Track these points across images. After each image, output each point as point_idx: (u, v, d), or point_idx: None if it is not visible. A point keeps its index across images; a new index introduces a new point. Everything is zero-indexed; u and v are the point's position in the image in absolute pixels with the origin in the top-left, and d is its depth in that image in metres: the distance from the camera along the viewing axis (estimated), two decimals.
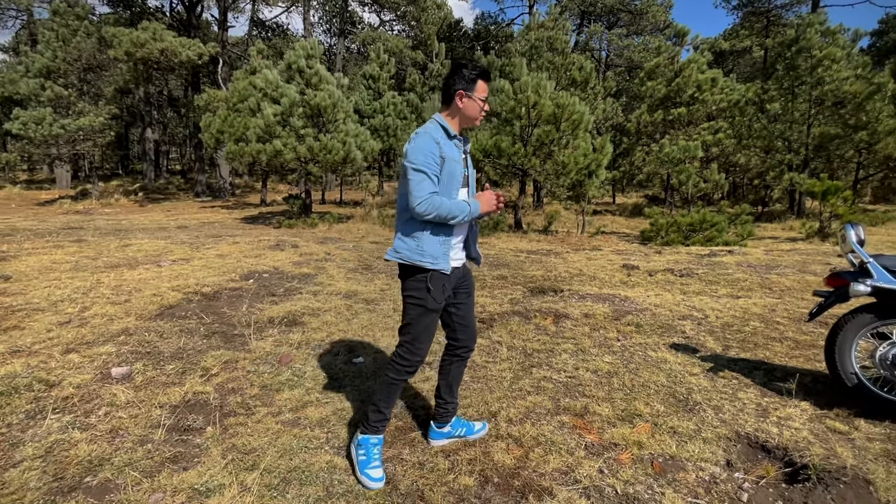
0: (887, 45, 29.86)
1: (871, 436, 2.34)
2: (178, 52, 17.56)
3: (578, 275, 6.48)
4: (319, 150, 10.84)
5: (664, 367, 3.21)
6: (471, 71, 2.05)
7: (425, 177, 1.93)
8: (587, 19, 34.25)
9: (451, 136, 2.05)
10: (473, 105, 2.06)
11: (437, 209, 1.93)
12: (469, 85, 2.05)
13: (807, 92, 12.93)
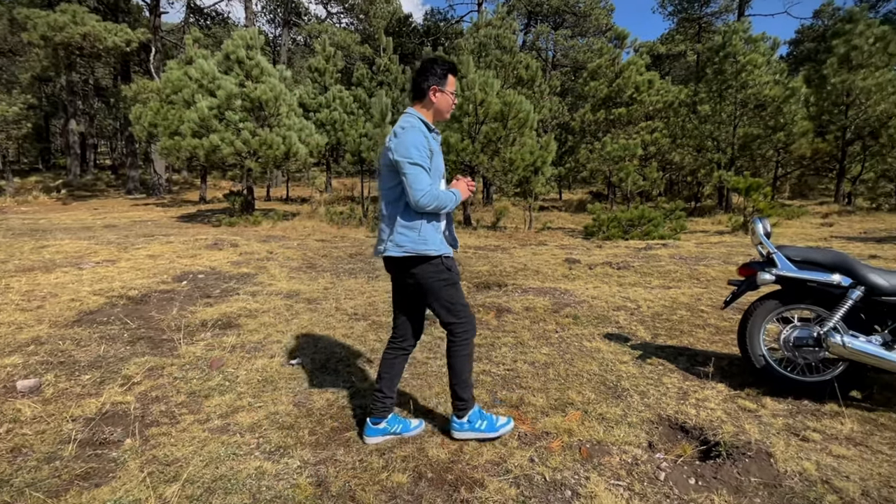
0: (803, 54, 32.59)
1: (775, 412, 2.55)
2: (102, 38, 16.31)
3: (523, 269, 6.63)
4: (260, 145, 10.44)
5: (597, 357, 3.35)
6: (441, 66, 2.14)
7: (422, 170, 2.01)
8: (534, 19, 35.01)
9: (430, 130, 2.14)
10: (445, 99, 2.16)
11: (437, 200, 2.03)
12: (441, 80, 2.14)
13: (733, 95, 13.88)
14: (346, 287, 5.41)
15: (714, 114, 14.15)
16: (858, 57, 13.79)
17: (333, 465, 2.14)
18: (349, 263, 6.94)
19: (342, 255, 7.74)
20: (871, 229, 11.00)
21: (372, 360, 3.30)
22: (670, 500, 1.89)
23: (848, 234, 10.43)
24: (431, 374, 3.09)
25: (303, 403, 2.68)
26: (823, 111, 14.31)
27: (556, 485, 1.99)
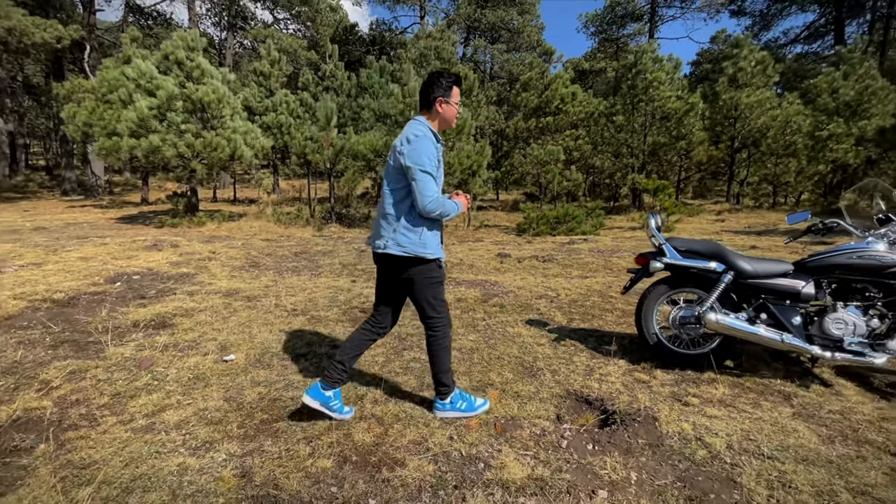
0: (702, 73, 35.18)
1: (664, 382, 2.74)
2: (30, 34, 14.64)
3: (459, 264, 6.70)
4: (203, 147, 9.81)
5: (518, 341, 3.44)
6: (447, 79, 2.18)
7: (431, 178, 2.04)
8: (473, 33, 35.38)
9: (437, 140, 2.16)
10: (451, 109, 2.20)
11: (442, 207, 2.07)
12: (447, 92, 2.17)
13: (643, 107, 14.76)
14: (288, 284, 5.22)
15: (628, 124, 14.98)
16: (743, 77, 15.11)
17: (260, 455, 2.05)
18: (293, 262, 6.69)
19: (287, 253, 7.45)
20: (754, 224, 12.10)
21: (307, 354, 3.20)
22: (570, 464, 1.98)
23: (736, 229, 11.41)
24: (364, 363, 3.05)
25: (234, 398, 2.56)
26: (716, 123, 15.56)
27: (471, 458, 2.02)
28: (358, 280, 5.53)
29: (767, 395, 2.57)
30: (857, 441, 2.12)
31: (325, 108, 11.49)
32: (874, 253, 2.57)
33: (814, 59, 30.03)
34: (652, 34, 31.78)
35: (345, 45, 31.63)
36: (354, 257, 7.23)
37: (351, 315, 4.10)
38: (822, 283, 2.70)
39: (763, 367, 2.94)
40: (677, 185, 16.43)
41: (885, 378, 2.79)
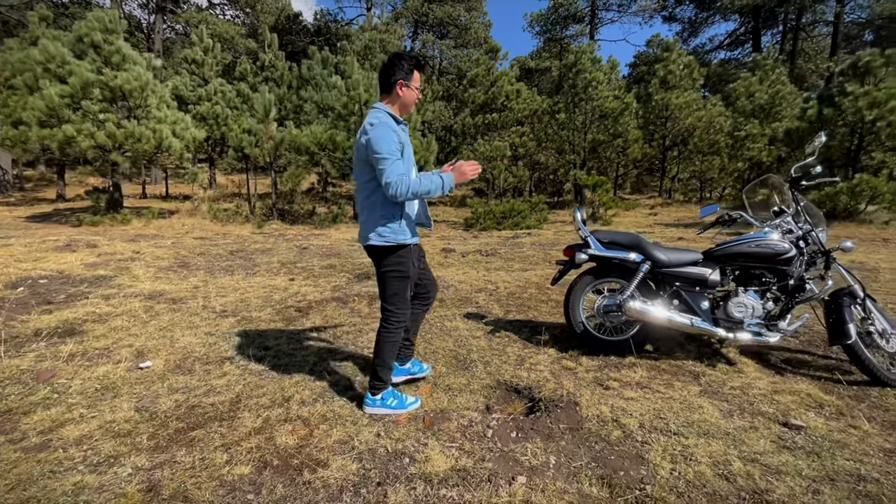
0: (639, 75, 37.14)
1: (588, 368, 2.86)
2: None
3: None
4: (125, 138, 9.07)
5: (454, 335, 3.47)
6: (408, 62, 2.16)
7: (394, 161, 2.02)
8: (421, 28, 35.17)
9: (398, 122, 2.15)
10: (411, 93, 2.18)
11: (411, 187, 2.01)
12: (407, 75, 2.14)
13: (583, 106, 15.35)
14: (220, 285, 4.95)
15: (569, 122, 15.53)
16: (673, 79, 16.11)
17: (171, 467, 1.92)
18: (227, 261, 6.36)
19: (221, 252, 7.07)
20: (683, 217, 12.98)
21: (234, 357, 3.05)
22: (493, 452, 2.02)
23: (667, 222, 12.19)
24: (295, 364, 2.95)
25: (146, 408, 2.38)
26: (649, 122, 16.51)
27: (397, 454, 2.01)
28: (296, 278, 5.35)
29: (680, 375, 2.76)
30: (752, 413, 2.32)
31: (264, 99, 10.98)
32: (769, 242, 2.82)
33: (735, 65, 32.56)
34: (592, 36, 33.10)
35: (287, 34, 30.37)
36: (295, 255, 6.99)
37: (285, 315, 3.95)
38: (727, 270, 2.94)
39: (678, 349, 3.15)
40: (615, 181, 17.27)
41: (780, 355, 3.08)
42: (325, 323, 3.74)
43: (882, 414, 2.34)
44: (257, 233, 9.77)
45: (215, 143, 14.80)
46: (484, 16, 36.74)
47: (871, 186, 8.70)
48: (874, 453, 2.01)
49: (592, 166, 16.79)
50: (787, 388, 2.58)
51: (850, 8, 28.64)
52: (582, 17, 33.73)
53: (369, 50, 14.68)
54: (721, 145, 15.07)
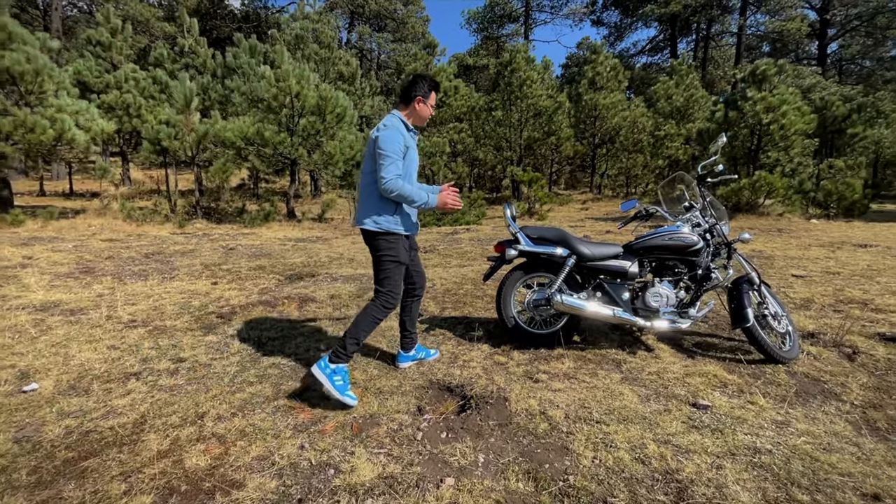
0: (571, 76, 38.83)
1: (519, 362, 2.91)
2: None
3: (339, 258, 6.45)
4: (15, 128, 7.98)
5: (388, 335, 3.39)
6: (429, 83, 2.50)
7: (394, 161, 2.28)
8: (357, 20, 34.32)
9: (408, 129, 2.44)
10: (426, 109, 2.51)
11: (401, 189, 2.28)
12: (426, 94, 2.49)
13: (518, 104, 15.76)
14: (130, 292, 4.49)
15: (505, 119, 15.88)
16: (601, 81, 16.99)
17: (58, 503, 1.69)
18: (140, 265, 5.80)
19: (135, 255, 6.45)
20: (612, 212, 13.76)
21: (141, 372, 2.76)
22: (422, 456, 1.98)
23: (597, 216, 12.86)
24: (213, 375, 2.73)
25: (29, 437, 2.09)
26: (580, 121, 17.31)
27: (322, 466, 1.91)
28: (220, 282, 4.99)
29: (604, 364, 2.89)
30: (666, 396, 2.47)
31: (184, 87, 10.14)
32: (681, 235, 3.01)
33: (656, 69, 35.03)
34: (527, 35, 34.09)
35: (211, 19, 28.37)
36: (220, 256, 6.53)
37: (205, 322, 3.66)
38: (645, 262, 3.11)
39: (603, 339, 3.30)
40: (550, 177, 17.94)
41: (692, 339, 3.33)
42: (250, 329, 3.51)
43: (775, 389, 2.58)
44: (178, 233, 9.03)
45: (129, 136, 13.46)
46: (422, 10, 36.58)
47: (768, 183, 9.72)
48: (768, 426, 2.21)
49: (529, 163, 17.32)
50: (697, 370, 2.78)
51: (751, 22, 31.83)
52: (517, 17, 34.61)
53: (301, 40, 14.04)
54: (644, 144, 16.15)
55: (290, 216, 11.54)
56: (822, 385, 2.65)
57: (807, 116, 10.57)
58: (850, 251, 6.38)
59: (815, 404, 2.44)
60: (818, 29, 30.93)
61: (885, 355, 3.00)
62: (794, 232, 8.41)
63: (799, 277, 4.92)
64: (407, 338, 2.83)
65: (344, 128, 11.08)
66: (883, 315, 3.69)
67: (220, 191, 14.08)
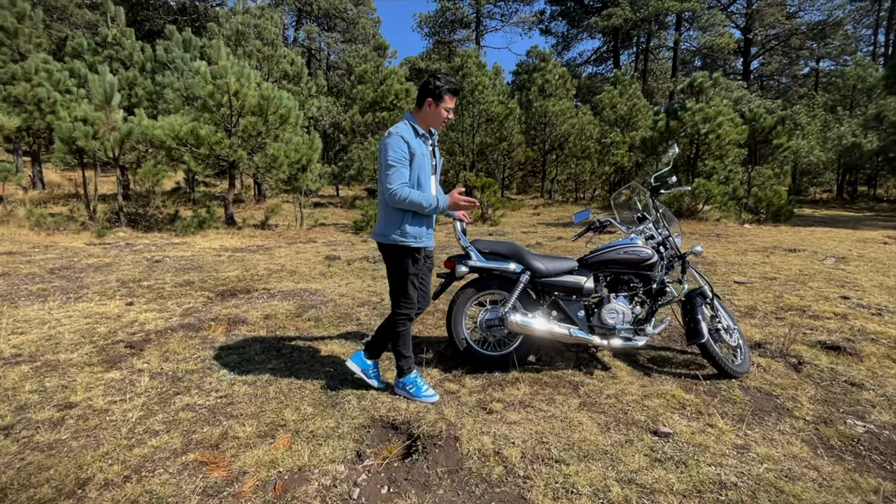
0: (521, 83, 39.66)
1: (472, 390, 2.67)
2: None
3: (279, 271, 5.96)
4: None
5: (327, 362, 3.05)
6: (443, 85, 2.32)
7: (398, 169, 2.23)
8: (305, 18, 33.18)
9: (418, 134, 2.32)
10: (439, 113, 2.35)
11: (408, 197, 2.21)
12: (438, 97, 2.32)
13: (471, 109, 15.72)
14: (20, 317, 3.83)
15: (457, 123, 15.78)
16: (550, 88, 17.33)
17: None
18: (41, 282, 5.05)
19: (37, 270, 5.63)
20: (562, 217, 13.98)
21: (11, 426, 2.25)
22: None
23: (548, 221, 13.00)
24: (108, 425, 2.27)
25: None
26: (531, 127, 17.58)
27: None
28: (137, 302, 4.40)
29: (560, 387, 2.71)
30: (626, 424, 2.32)
31: (104, 81, 9.15)
32: (634, 248, 2.91)
33: (600, 79, 36.53)
34: (478, 42, 34.44)
35: (142, 9, 26.34)
36: (142, 270, 5.85)
37: (109, 354, 3.14)
38: (600, 277, 2.97)
39: (558, 358, 3.13)
40: (502, 182, 18.06)
41: (647, 353, 3.24)
42: (164, 361, 3.04)
43: (731, 408, 2.50)
44: (96, 243, 8.09)
45: (41, 134, 12.04)
46: (373, 11, 36.02)
47: (707, 189, 10.21)
48: (729, 452, 2.10)
49: (482, 168, 17.34)
50: (655, 390, 2.66)
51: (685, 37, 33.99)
52: (468, 23, 34.89)
53: (242, 36, 13.20)
54: (591, 151, 16.63)
55: (228, 223, 10.74)
56: (775, 400, 2.61)
57: (739, 127, 11.24)
58: (783, 256, 6.73)
59: (771, 422, 2.38)
60: (742, 47, 33.55)
61: (828, 364, 3.04)
62: (730, 237, 8.84)
63: (741, 284, 5.06)
64: (377, 346, 2.64)
65: (288, 129, 10.47)
66: (820, 322, 3.81)
67: (151, 195, 12.93)
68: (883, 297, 4.48)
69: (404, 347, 2.52)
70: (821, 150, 17.43)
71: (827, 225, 10.68)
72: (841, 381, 2.83)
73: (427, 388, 2.55)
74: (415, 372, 2.56)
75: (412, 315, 2.50)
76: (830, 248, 7.38)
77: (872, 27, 34.78)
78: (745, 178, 12.56)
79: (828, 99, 23.03)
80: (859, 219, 12.30)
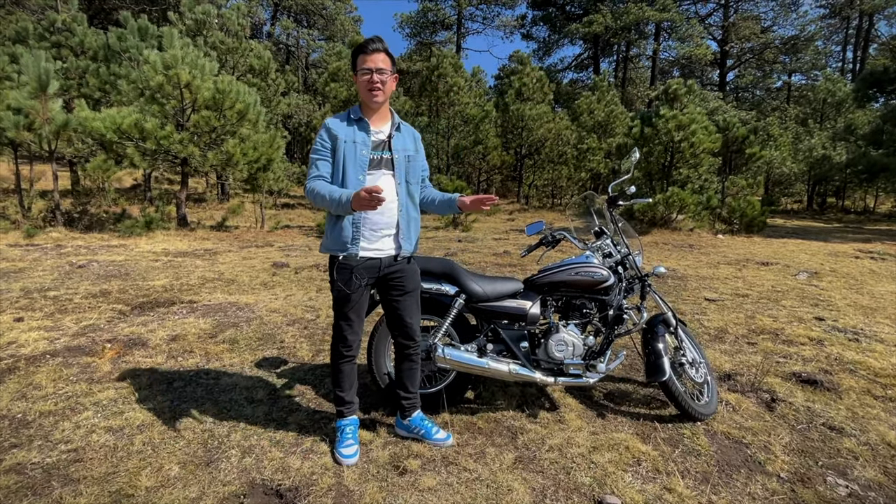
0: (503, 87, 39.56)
1: (387, 441, 2.20)
2: None
3: (215, 280, 5.39)
4: None
5: (221, 401, 2.54)
6: (353, 50, 1.93)
7: (313, 162, 1.93)
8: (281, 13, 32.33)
9: (352, 121, 1.94)
10: (360, 83, 1.90)
11: (314, 189, 1.86)
12: (353, 66, 1.94)
13: (446, 111, 15.32)
14: None
15: (433, 126, 15.36)
16: (527, 92, 17.08)
17: None
18: None
19: None
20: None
21: None
22: None
23: (522, 228, 12.66)
24: None
25: None
26: (507, 131, 17.29)
27: None
28: (30, 317, 3.79)
29: (496, 436, 2.27)
30: (567, 490, 1.88)
31: (38, 67, 8.39)
32: (589, 268, 2.49)
33: (582, 86, 36.68)
34: (459, 44, 34.16)
35: None
36: (58, 277, 5.20)
37: None
38: (549, 301, 2.55)
39: (501, 395, 2.69)
40: (479, 186, 17.70)
41: (603, 387, 2.83)
42: (18, 399, 2.48)
43: (694, 463, 2.11)
44: (21, 245, 7.33)
45: None
46: (353, 9, 35.41)
47: (680, 199, 10.02)
48: None
49: (459, 171, 16.96)
50: (607, 439, 2.25)
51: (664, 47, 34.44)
52: (449, 25, 34.60)
53: (203, 25, 12.49)
54: (568, 156, 16.42)
55: (181, 224, 10.03)
56: (745, 450, 2.23)
57: (713, 136, 11.12)
58: (755, 269, 6.48)
59: (740, 482, 1.99)
60: (719, 59, 34.17)
61: (804, 402, 2.69)
62: (703, 248, 8.62)
63: (711, 301, 4.74)
64: (404, 400, 2.20)
65: (247, 126, 9.85)
66: (795, 348, 3.48)
67: (99, 192, 12.08)
68: (858, 319, 4.21)
69: (339, 385, 2.11)
70: (792, 161, 17.64)
71: (798, 236, 10.62)
72: (819, 424, 2.48)
73: (350, 443, 2.05)
74: (351, 419, 2.14)
75: (343, 351, 2.06)
76: (803, 261, 7.20)
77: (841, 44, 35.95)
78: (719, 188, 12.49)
79: (799, 112, 23.49)
80: (829, 230, 12.34)
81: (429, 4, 33.35)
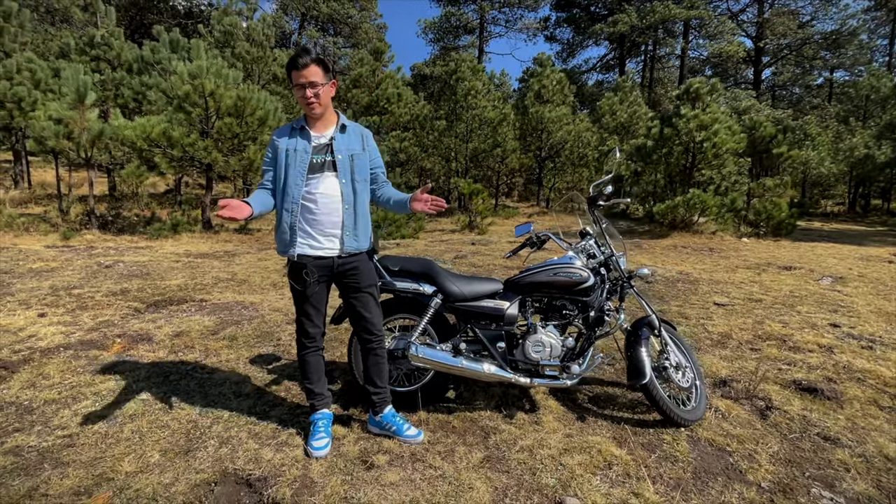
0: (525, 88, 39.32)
1: (360, 437, 2.24)
2: None
3: (228, 280, 5.60)
4: None
5: (211, 393, 2.65)
6: (286, 65, 2.00)
7: (264, 173, 2.09)
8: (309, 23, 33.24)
9: (295, 130, 2.05)
10: (297, 97, 1.98)
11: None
12: (290, 80, 1.99)
13: (464, 114, 15.36)
14: None
15: (451, 129, 15.43)
16: (547, 94, 16.93)
17: None
18: None
19: None
20: (553, 227, 13.51)
21: None
22: None
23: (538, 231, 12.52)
24: None
25: None
26: (526, 134, 17.16)
27: None
28: (53, 312, 4.04)
29: (469, 434, 2.28)
30: (529, 490, 1.88)
31: (77, 79, 8.95)
32: (570, 269, 2.48)
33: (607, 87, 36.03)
34: (482, 48, 34.22)
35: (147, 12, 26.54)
36: (85, 276, 5.52)
37: None
38: (527, 302, 2.54)
39: (481, 395, 2.70)
40: (499, 189, 17.64)
41: (590, 390, 2.79)
42: (27, 388, 2.66)
43: (669, 468, 2.06)
44: (58, 246, 7.81)
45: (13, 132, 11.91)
46: (378, 17, 36.02)
47: (702, 200, 9.69)
48: None
49: (478, 175, 16.95)
50: (580, 442, 2.22)
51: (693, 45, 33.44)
52: (472, 29, 34.71)
53: (231, 37, 13.02)
54: (589, 158, 16.16)
55: (205, 227, 10.45)
56: (727, 458, 2.16)
57: (737, 136, 10.72)
58: (775, 274, 6.21)
59: (715, 491, 1.93)
60: (753, 56, 32.89)
61: (800, 411, 2.57)
62: (724, 252, 8.31)
63: (721, 306, 4.58)
64: (373, 394, 2.25)
65: (268, 132, 10.17)
66: (801, 355, 3.33)
67: (133, 197, 12.74)
68: (879, 326, 3.98)
69: (307, 377, 2.23)
70: (832, 161, 16.76)
71: (832, 240, 10.09)
72: (813, 433, 2.37)
73: (321, 436, 2.13)
74: (323, 413, 2.24)
75: (305, 344, 2.18)
76: (830, 266, 6.84)
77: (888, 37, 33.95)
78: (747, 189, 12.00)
79: (840, 109, 22.32)
80: (868, 233, 11.66)
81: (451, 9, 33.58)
